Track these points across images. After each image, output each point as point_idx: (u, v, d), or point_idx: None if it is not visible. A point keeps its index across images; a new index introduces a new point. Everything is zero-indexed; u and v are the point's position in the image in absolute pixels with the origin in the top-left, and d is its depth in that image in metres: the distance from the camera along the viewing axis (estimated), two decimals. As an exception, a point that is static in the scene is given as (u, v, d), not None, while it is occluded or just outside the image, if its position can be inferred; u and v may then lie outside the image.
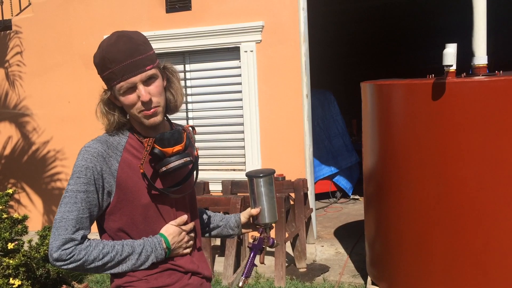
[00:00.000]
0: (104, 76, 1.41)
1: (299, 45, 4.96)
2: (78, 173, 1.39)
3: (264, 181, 1.57)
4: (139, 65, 1.38)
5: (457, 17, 7.44)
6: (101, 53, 1.40)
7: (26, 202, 6.13)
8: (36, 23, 5.89)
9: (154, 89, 1.41)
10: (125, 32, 1.42)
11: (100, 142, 1.43)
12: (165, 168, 1.44)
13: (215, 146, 5.41)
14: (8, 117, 6.11)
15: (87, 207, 1.39)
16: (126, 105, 1.42)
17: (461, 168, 3.03)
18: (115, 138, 1.46)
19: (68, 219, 1.37)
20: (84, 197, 1.38)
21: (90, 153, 1.40)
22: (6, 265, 3.07)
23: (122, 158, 1.43)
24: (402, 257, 3.34)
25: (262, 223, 1.61)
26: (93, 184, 1.39)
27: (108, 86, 1.43)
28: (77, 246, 1.37)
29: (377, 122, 3.50)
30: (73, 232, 1.37)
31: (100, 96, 1.47)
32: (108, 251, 1.40)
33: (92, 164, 1.39)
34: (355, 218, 5.82)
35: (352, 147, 7.00)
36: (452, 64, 2.95)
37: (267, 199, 1.59)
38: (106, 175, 1.40)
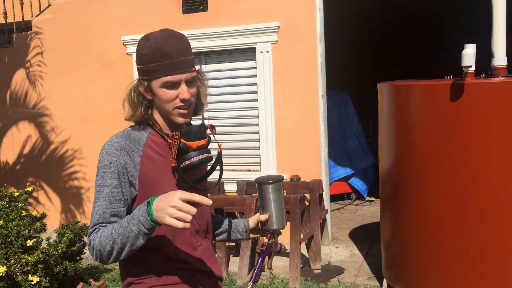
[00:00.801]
0: (149, 67, 1.42)
1: (315, 45, 4.95)
2: (103, 168, 1.41)
3: (272, 187, 1.58)
4: (187, 65, 1.43)
5: (475, 17, 7.33)
6: (154, 45, 1.41)
7: (44, 200, 6.22)
8: (55, 24, 5.97)
9: (193, 91, 1.46)
10: (176, 32, 1.46)
11: (122, 137, 1.45)
12: (189, 162, 1.44)
13: (230, 147, 5.43)
14: (27, 116, 6.21)
15: (111, 202, 1.41)
16: (163, 100, 1.43)
17: (480, 170, 2.99)
18: (137, 133, 1.48)
19: (95, 213, 1.41)
20: (108, 192, 1.40)
21: (114, 147, 1.42)
22: (25, 261, 3.12)
23: (143, 152, 1.45)
24: (419, 260, 3.31)
25: (270, 229, 1.62)
26: (117, 178, 1.41)
27: (148, 77, 1.43)
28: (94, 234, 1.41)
29: (394, 124, 3.47)
30: (94, 224, 1.41)
31: (131, 85, 1.49)
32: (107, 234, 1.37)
33: (116, 158, 1.41)
34: (370, 220, 5.78)
35: (367, 148, 6.95)
36: (471, 65, 2.92)
37: (276, 206, 1.59)
38: (130, 168, 1.42)
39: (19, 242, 3.20)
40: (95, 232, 1.40)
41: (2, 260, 3.09)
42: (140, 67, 1.44)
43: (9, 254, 3.17)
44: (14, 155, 6.33)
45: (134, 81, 1.49)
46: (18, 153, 6.31)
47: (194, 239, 1.54)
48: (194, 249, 1.53)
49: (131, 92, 1.47)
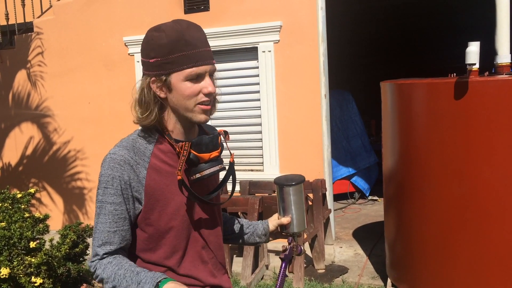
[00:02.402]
0: (169, 58, 1.26)
1: (317, 45, 4.93)
2: (105, 183, 1.30)
3: (294, 189, 1.49)
4: (210, 56, 1.32)
5: (479, 14, 7.31)
6: (175, 34, 1.26)
7: (47, 201, 6.23)
8: (57, 25, 5.97)
9: (215, 84, 1.33)
10: (192, 22, 1.34)
11: (126, 149, 1.31)
12: (200, 175, 1.33)
13: (233, 146, 5.41)
14: (30, 117, 6.21)
15: (115, 220, 1.31)
16: (186, 95, 1.28)
17: (485, 168, 2.97)
18: (142, 141, 1.34)
19: (98, 231, 1.33)
20: (111, 209, 1.30)
21: (116, 161, 1.29)
22: (28, 263, 3.11)
23: (150, 164, 1.32)
24: (424, 259, 3.29)
25: (291, 232, 1.54)
26: (120, 195, 1.30)
27: (167, 71, 1.27)
28: (99, 261, 1.32)
29: (397, 122, 3.46)
30: (98, 245, 1.32)
31: (141, 83, 1.32)
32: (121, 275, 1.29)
33: (119, 173, 1.29)
34: (374, 219, 5.76)
35: (370, 148, 6.94)
36: (475, 62, 2.90)
37: (297, 207, 1.51)
38: (134, 183, 1.30)
39: (22, 243, 3.19)
40: (99, 261, 1.32)
41: (5, 262, 3.08)
42: (155, 60, 1.28)
43: (12, 256, 3.16)
44: (17, 156, 6.33)
45: (145, 78, 1.32)
46: (21, 154, 6.32)
47: (206, 253, 1.45)
48: (205, 263, 1.44)
49: (143, 90, 1.30)
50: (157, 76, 1.29)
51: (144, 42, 1.32)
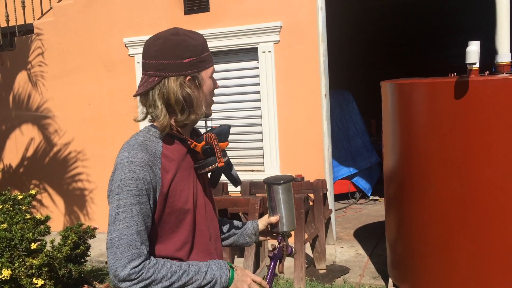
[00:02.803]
0: (202, 57, 1.39)
1: (317, 45, 4.93)
2: (128, 186, 1.30)
3: (283, 188, 1.53)
4: None
5: (479, 14, 7.31)
6: (199, 36, 1.41)
7: (48, 203, 6.23)
8: (57, 27, 5.98)
9: None
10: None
11: (142, 151, 1.34)
12: (226, 158, 1.46)
13: (233, 147, 5.41)
14: (30, 119, 6.22)
15: (143, 219, 1.31)
16: (211, 90, 1.44)
17: (486, 168, 2.96)
18: (151, 143, 1.38)
19: (129, 235, 1.28)
20: (139, 210, 1.30)
21: (137, 163, 1.32)
22: (29, 265, 3.12)
23: (162, 165, 1.37)
24: (425, 259, 3.29)
25: (280, 231, 1.57)
26: (145, 194, 1.32)
27: (198, 69, 1.39)
28: (145, 263, 1.29)
29: (398, 122, 3.46)
30: (137, 247, 1.29)
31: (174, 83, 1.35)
32: (176, 270, 1.33)
33: (142, 175, 1.31)
34: (375, 219, 5.76)
35: (371, 147, 6.93)
36: (475, 62, 2.90)
37: (286, 207, 1.54)
38: (153, 183, 1.34)
39: (23, 245, 3.20)
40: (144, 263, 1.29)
41: (7, 264, 3.09)
42: (191, 59, 1.36)
43: (13, 258, 3.16)
44: (18, 158, 6.34)
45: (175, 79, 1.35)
46: (22, 155, 6.32)
47: (211, 244, 1.51)
48: (210, 254, 1.50)
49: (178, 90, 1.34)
50: (192, 74, 1.38)
51: (173, 45, 1.36)
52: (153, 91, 1.37)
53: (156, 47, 1.37)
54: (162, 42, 1.36)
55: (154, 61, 1.36)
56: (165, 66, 1.35)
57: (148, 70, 1.38)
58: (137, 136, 1.40)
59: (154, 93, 1.36)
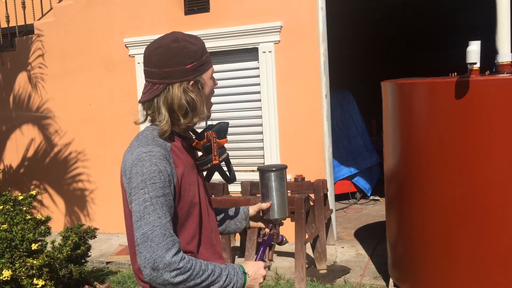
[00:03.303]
0: (203, 60, 1.45)
1: (317, 45, 4.93)
2: (152, 179, 1.33)
3: (275, 175, 1.56)
4: None
5: (479, 14, 7.30)
6: (198, 40, 1.47)
7: (48, 203, 6.23)
8: (57, 27, 5.98)
9: None
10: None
11: (158, 146, 1.39)
12: (221, 158, 1.50)
13: (234, 147, 5.41)
14: (31, 119, 6.22)
15: (169, 211, 1.34)
16: (212, 90, 1.50)
17: (486, 167, 2.96)
18: (160, 140, 1.43)
19: (162, 225, 1.30)
20: (164, 201, 1.33)
21: (157, 157, 1.36)
22: (30, 265, 3.12)
23: (173, 159, 1.42)
24: (426, 259, 3.29)
25: (272, 218, 1.59)
26: (168, 186, 1.35)
27: (200, 72, 1.44)
28: (183, 254, 1.32)
29: (398, 122, 3.45)
30: (172, 234, 1.32)
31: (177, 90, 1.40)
32: (205, 269, 1.35)
33: (163, 167, 1.35)
34: (375, 219, 5.76)
35: (372, 147, 6.93)
36: (476, 62, 2.90)
37: (278, 194, 1.57)
38: (172, 175, 1.38)
39: (24, 245, 3.20)
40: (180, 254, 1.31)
41: (7, 264, 3.09)
42: (193, 65, 1.42)
43: (14, 258, 3.16)
44: (18, 159, 6.34)
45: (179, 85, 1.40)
46: (22, 156, 6.32)
47: (213, 237, 1.57)
48: (213, 246, 1.56)
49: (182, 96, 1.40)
50: (195, 79, 1.44)
51: (175, 52, 1.41)
52: (158, 98, 1.42)
53: (158, 55, 1.41)
54: (164, 50, 1.41)
55: (158, 70, 1.41)
56: (168, 73, 1.40)
57: (152, 78, 1.43)
58: (145, 134, 1.45)
59: (159, 100, 1.42)
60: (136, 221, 1.32)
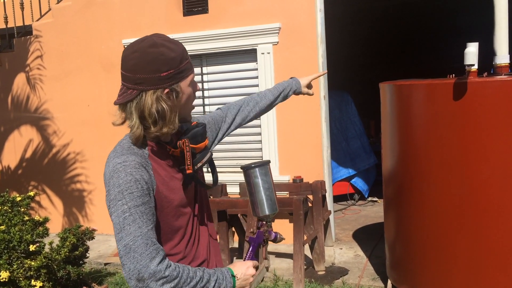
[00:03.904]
0: (181, 67, 1.38)
1: (316, 46, 4.93)
2: (129, 189, 1.30)
3: (258, 171, 1.53)
4: None
5: (477, 15, 7.32)
6: (177, 46, 1.39)
7: (46, 204, 6.22)
8: (56, 28, 5.98)
9: None
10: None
11: (133, 154, 1.37)
12: (200, 163, 1.45)
13: (232, 148, 5.42)
14: (29, 120, 6.21)
15: (150, 219, 1.32)
16: (192, 97, 1.45)
17: (485, 168, 2.97)
18: (136, 148, 1.40)
19: (143, 234, 1.28)
20: (143, 210, 1.31)
21: (131, 166, 1.33)
22: (28, 266, 3.11)
23: (152, 166, 1.39)
24: (424, 260, 3.29)
25: (262, 215, 1.55)
26: (147, 194, 1.33)
27: (176, 80, 1.37)
28: (168, 262, 1.29)
29: (397, 123, 3.46)
30: (154, 243, 1.29)
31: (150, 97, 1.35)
32: (193, 276, 1.33)
33: (139, 176, 1.32)
34: (374, 220, 5.76)
35: (370, 149, 6.93)
36: (473, 63, 2.90)
37: (264, 190, 1.54)
38: (149, 184, 1.35)
39: (21, 247, 3.19)
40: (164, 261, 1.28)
41: (5, 266, 3.08)
42: (168, 73, 1.35)
43: (12, 259, 3.16)
44: (16, 159, 6.33)
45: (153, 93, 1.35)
46: (20, 157, 6.31)
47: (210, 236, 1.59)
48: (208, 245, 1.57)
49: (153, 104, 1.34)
50: (170, 87, 1.37)
51: (151, 59, 1.35)
52: (130, 104, 1.37)
53: (133, 60, 1.36)
54: (139, 55, 1.35)
55: (132, 75, 1.35)
56: (142, 80, 1.34)
57: (126, 82, 1.38)
58: (122, 143, 1.43)
59: (132, 106, 1.37)
60: (117, 233, 1.29)
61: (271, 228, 1.59)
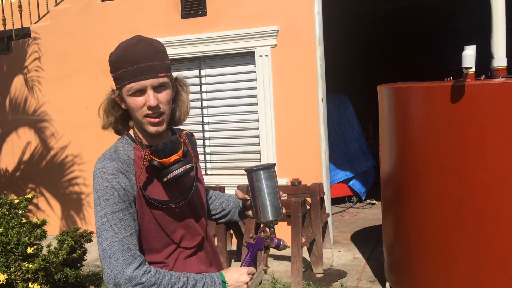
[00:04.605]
0: (116, 74, 1.41)
1: (314, 49, 4.94)
2: (105, 195, 1.33)
3: (263, 174, 1.46)
4: (153, 70, 1.38)
5: (475, 18, 7.34)
6: (118, 52, 1.41)
7: (44, 207, 6.21)
8: (54, 30, 5.98)
9: (162, 97, 1.40)
10: (146, 37, 1.43)
11: (112, 160, 1.39)
12: (166, 178, 1.40)
13: (230, 151, 5.42)
14: (27, 122, 6.20)
15: (128, 224, 1.33)
16: (132, 108, 1.40)
17: (482, 171, 2.97)
18: (123, 152, 1.43)
19: (119, 240, 1.29)
20: (121, 216, 1.32)
21: (109, 172, 1.35)
22: (25, 269, 3.10)
23: (135, 172, 1.40)
24: (422, 262, 3.29)
25: (264, 220, 1.48)
26: (124, 201, 1.34)
27: (117, 85, 1.42)
28: (146, 268, 1.29)
29: (394, 126, 3.46)
30: (130, 249, 1.30)
31: (106, 94, 1.47)
32: (175, 282, 1.32)
33: (115, 182, 1.34)
34: (372, 222, 5.76)
35: (368, 151, 6.94)
36: (471, 66, 2.91)
37: (270, 194, 1.46)
38: (129, 189, 1.36)
39: (19, 249, 3.19)
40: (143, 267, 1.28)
41: (3, 268, 3.07)
42: (112, 76, 1.44)
43: (9, 262, 3.15)
44: (14, 162, 6.32)
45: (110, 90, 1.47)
46: (18, 159, 6.30)
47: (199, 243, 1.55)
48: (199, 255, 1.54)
49: (105, 101, 1.46)
50: (115, 90, 1.44)
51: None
52: None
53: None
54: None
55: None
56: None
57: None
58: (111, 147, 1.46)
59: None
60: (97, 238, 1.32)
61: (274, 234, 1.51)
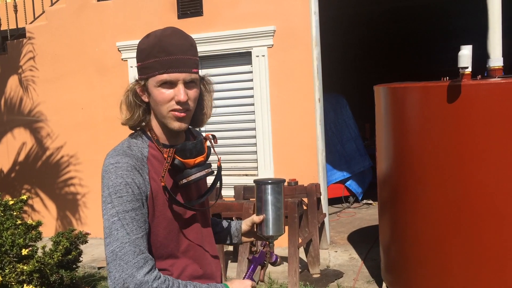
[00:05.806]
0: (145, 63, 1.30)
1: (311, 49, 4.94)
2: (118, 192, 1.24)
3: (272, 188, 1.46)
4: (187, 64, 1.31)
5: (471, 18, 7.36)
6: (151, 41, 1.31)
7: (39, 208, 6.18)
8: (49, 31, 5.95)
9: (192, 94, 1.33)
10: (180, 30, 1.35)
11: (127, 156, 1.30)
12: (186, 180, 1.35)
13: (227, 151, 5.40)
14: (22, 123, 6.17)
15: (141, 225, 1.25)
16: (158, 101, 1.31)
17: (479, 171, 2.97)
18: (136, 148, 1.35)
19: (131, 242, 1.21)
20: (134, 216, 1.24)
21: (124, 168, 1.27)
22: (20, 271, 3.08)
23: (148, 170, 1.32)
24: (419, 262, 3.29)
25: (266, 235, 1.48)
26: (138, 199, 1.26)
27: (145, 75, 1.32)
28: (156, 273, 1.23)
29: (391, 126, 3.46)
30: (143, 252, 1.22)
31: (129, 86, 1.36)
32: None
33: (130, 179, 1.26)
34: (369, 223, 5.76)
35: (365, 152, 6.94)
36: (467, 66, 2.91)
37: (274, 209, 1.47)
38: (143, 188, 1.28)
39: (14, 251, 3.16)
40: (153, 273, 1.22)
41: (-3, 270, 3.05)
42: (138, 65, 1.34)
43: (4, 264, 3.12)
44: (9, 163, 6.29)
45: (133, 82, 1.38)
46: (13, 160, 6.27)
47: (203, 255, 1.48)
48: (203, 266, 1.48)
49: (128, 93, 1.35)
50: (139, 80, 1.34)
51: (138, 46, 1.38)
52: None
53: None
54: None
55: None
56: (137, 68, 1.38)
57: None
58: (123, 142, 1.38)
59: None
60: (106, 238, 1.25)
61: (272, 250, 1.53)
